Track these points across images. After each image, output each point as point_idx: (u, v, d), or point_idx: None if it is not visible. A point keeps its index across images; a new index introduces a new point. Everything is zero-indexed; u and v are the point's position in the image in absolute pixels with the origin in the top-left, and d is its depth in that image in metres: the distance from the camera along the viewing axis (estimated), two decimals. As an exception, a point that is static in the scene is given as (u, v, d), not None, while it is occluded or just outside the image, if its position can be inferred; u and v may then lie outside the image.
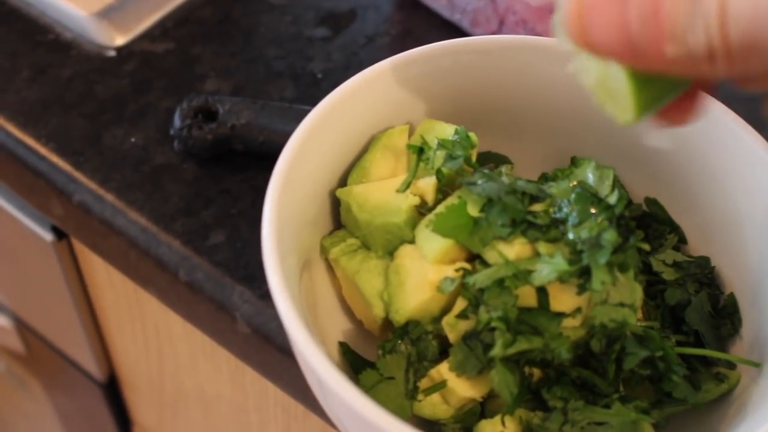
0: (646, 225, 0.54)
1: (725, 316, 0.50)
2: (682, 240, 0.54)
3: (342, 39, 0.70)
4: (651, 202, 0.54)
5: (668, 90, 0.35)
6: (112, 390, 0.93)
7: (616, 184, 0.47)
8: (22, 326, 0.96)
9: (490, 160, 0.55)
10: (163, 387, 0.84)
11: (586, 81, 0.37)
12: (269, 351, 0.56)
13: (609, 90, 0.36)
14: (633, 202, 0.54)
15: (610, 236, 0.44)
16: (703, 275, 0.51)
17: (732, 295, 0.51)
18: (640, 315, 0.48)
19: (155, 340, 0.77)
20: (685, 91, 0.36)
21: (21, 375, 1.09)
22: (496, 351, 0.44)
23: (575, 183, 0.46)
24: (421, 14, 0.71)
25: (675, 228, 0.54)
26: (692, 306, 0.49)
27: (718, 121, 0.50)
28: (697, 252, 0.53)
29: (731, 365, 0.49)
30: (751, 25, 0.27)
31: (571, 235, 0.44)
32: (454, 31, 0.69)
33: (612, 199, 0.46)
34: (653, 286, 0.51)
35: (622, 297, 0.45)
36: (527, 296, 0.45)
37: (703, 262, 0.52)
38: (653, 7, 0.28)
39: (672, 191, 0.54)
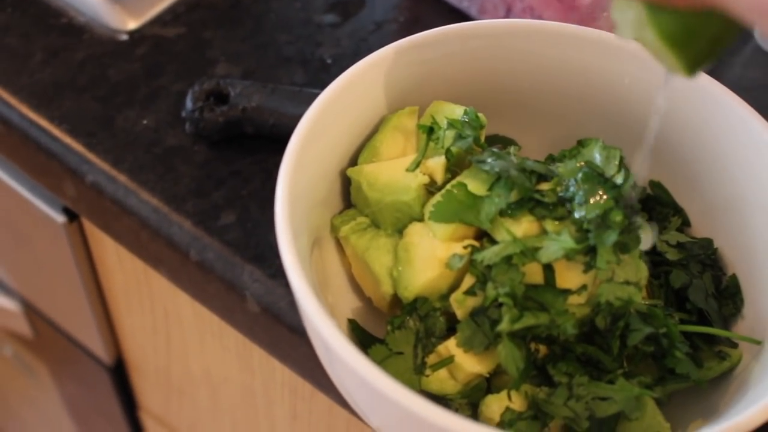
0: (651, 208, 0.55)
1: (727, 296, 0.51)
2: (686, 222, 0.55)
3: (351, 25, 0.70)
4: (655, 185, 0.55)
5: (707, 45, 0.35)
6: (119, 373, 0.94)
7: (623, 164, 0.48)
8: (30, 310, 0.97)
9: (498, 143, 0.55)
10: (170, 370, 0.85)
11: (629, 36, 0.36)
12: (279, 330, 0.57)
13: (652, 46, 0.36)
14: (637, 185, 0.55)
15: (617, 217, 0.45)
16: (706, 256, 0.52)
17: (734, 276, 0.52)
18: (644, 294, 0.49)
19: (163, 323, 0.78)
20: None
21: (28, 360, 1.10)
22: (503, 326, 0.44)
23: (582, 163, 0.47)
24: (429, 1, 0.72)
25: (679, 210, 0.55)
26: (695, 286, 0.50)
27: (722, 106, 0.51)
28: (700, 234, 0.54)
29: (733, 343, 0.50)
30: None
31: (577, 214, 0.45)
32: (461, 18, 0.70)
33: (619, 179, 0.46)
34: (658, 266, 0.52)
35: (627, 275, 0.46)
36: (534, 273, 0.46)
37: (706, 244, 0.52)
38: None
39: (676, 175, 0.55)
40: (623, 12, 0.35)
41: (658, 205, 0.55)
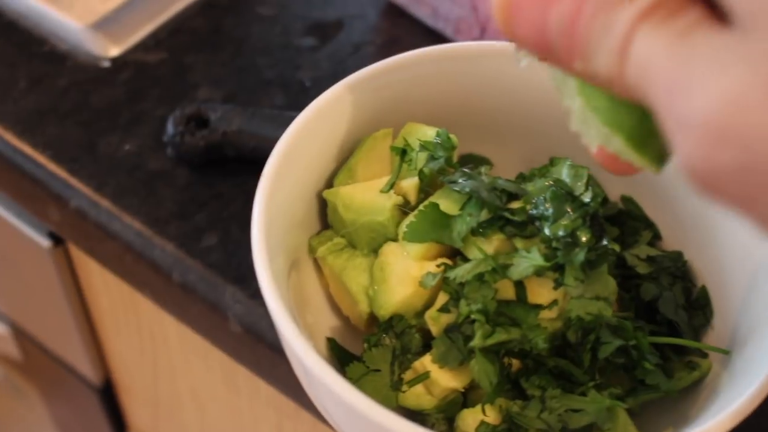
0: (622, 222, 0.56)
1: (697, 307, 0.52)
2: (657, 236, 0.56)
3: (329, 48, 0.72)
4: (626, 199, 0.56)
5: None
6: (108, 394, 0.95)
7: (591, 182, 0.49)
8: (19, 333, 0.98)
9: (471, 162, 0.57)
10: (157, 390, 0.86)
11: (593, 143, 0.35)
12: (261, 349, 0.58)
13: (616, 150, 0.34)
14: (609, 200, 0.57)
15: (584, 235, 0.46)
16: (676, 268, 0.53)
17: (704, 288, 0.53)
18: (615, 307, 0.50)
19: (150, 344, 0.79)
20: None
21: (18, 382, 1.10)
22: (476, 341, 0.46)
23: (551, 181, 0.48)
24: (406, 23, 0.73)
25: (650, 224, 0.56)
26: (665, 298, 0.51)
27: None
28: (671, 247, 0.55)
29: (703, 354, 0.51)
30: (645, 77, 0.27)
31: (547, 232, 0.46)
32: (438, 38, 0.72)
33: (586, 197, 0.48)
34: (629, 279, 0.53)
35: (596, 291, 0.47)
36: (506, 289, 0.47)
37: (676, 256, 0.54)
38: (570, 20, 0.29)
39: (647, 189, 0.56)
40: (587, 122, 0.34)
41: (629, 219, 0.56)
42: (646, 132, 0.32)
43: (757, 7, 0.25)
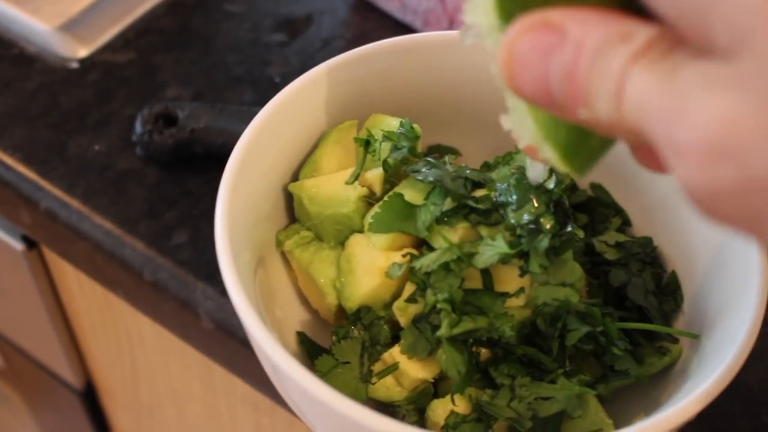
0: (592, 209, 0.56)
1: (668, 293, 0.52)
2: (627, 222, 0.56)
3: (299, 43, 0.72)
4: (596, 187, 0.56)
5: (593, 151, 0.35)
6: (90, 397, 0.95)
7: (554, 169, 0.49)
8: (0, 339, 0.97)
9: (439, 152, 0.57)
10: (138, 391, 0.86)
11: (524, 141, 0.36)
12: (233, 345, 0.58)
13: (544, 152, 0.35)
14: (579, 187, 0.56)
15: (547, 222, 0.46)
16: (646, 254, 0.53)
17: (674, 273, 0.53)
18: (583, 294, 0.50)
19: (127, 345, 0.79)
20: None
21: (1, 389, 1.10)
22: (443, 331, 0.45)
23: (514, 169, 0.48)
24: (375, 17, 0.73)
25: (619, 211, 0.56)
26: (633, 284, 0.51)
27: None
28: (641, 233, 0.55)
29: (674, 339, 0.51)
30: (641, 113, 0.28)
31: (511, 219, 0.46)
32: (407, 31, 0.71)
33: (550, 184, 0.47)
34: (598, 266, 0.53)
35: (562, 277, 0.47)
36: (473, 278, 0.47)
37: (646, 242, 0.54)
38: (570, 71, 0.29)
39: (616, 175, 0.56)
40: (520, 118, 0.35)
41: (599, 206, 0.56)
42: (577, 148, 0.33)
43: (739, 36, 0.26)
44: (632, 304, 0.52)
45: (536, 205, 0.46)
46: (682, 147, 0.27)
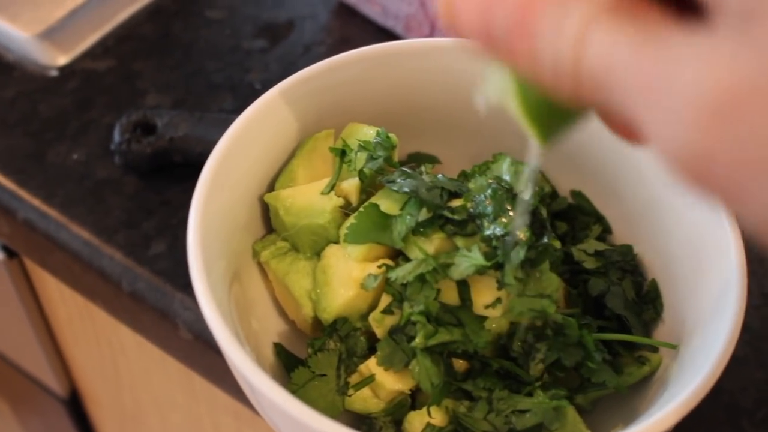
0: (572, 217, 0.55)
1: (648, 301, 0.52)
2: (607, 230, 0.55)
3: (280, 50, 0.71)
4: (576, 194, 0.56)
5: (565, 119, 0.34)
6: (75, 405, 0.94)
7: (532, 178, 0.49)
8: (-15, 348, 0.97)
9: (419, 160, 0.56)
10: (122, 399, 0.85)
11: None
12: (212, 356, 0.57)
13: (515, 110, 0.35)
14: (559, 194, 0.56)
15: (523, 233, 0.45)
16: (626, 263, 0.53)
17: (654, 281, 0.52)
18: (562, 303, 0.50)
19: (109, 353, 0.78)
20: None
21: (-12, 397, 1.09)
22: (417, 341, 0.45)
23: (491, 179, 0.48)
24: (357, 22, 0.73)
25: (600, 219, 0.55)
26: (612, 293, 0.51)
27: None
28: (622, 241, 0.55)
29: (654, 348, 0.50)
30: (601, 78, 0.27)
31: (487, 231, 0.46)
32: (389, 37, 0.71)
33: (526, 195, 0.47)
34: (577, 275, 0.52)
35: (539, 288, 0.47)
36: (450, 289, 0.46)
37: (626, 250, 0.53)
38: (517, 14, 0.28)
39: (597, 183, 0.55)
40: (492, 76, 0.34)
41: (579, 214, 0.56)
42: (545, 109, 0.32)
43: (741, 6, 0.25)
44: (611, 313, 0.51)
45: (512, 216, 0.46)
46: (675, 110, 0.25)
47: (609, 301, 0.51)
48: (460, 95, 0.56)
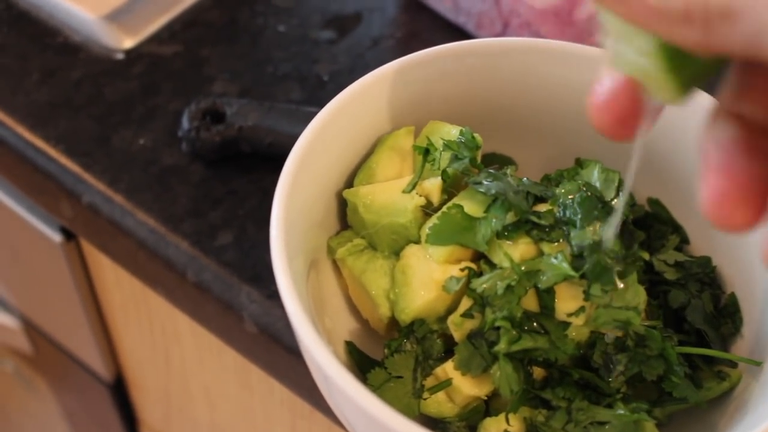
0: (649, 225, 0.54)
1: (726, 315, 0.51)
2: (685, 240, 0.54)
3: (348, 41, 0.70)
4: (653, 202, 0.55)
5: (702, 68, 0.33)
6: (119, 390, 0.94)
7: (622, 187, 0.48)
8: (30, 327, 0.97)
9: (495, 161, 0.55)
10: (169, 387, 0.85)
11: (623, 67, 0.35)
12: (276, 350, 0.56)
13: (645, 72, 0.35)
14: (636, 203, 0.55)
15: (612, 244, 0.44)
16: (705, 275, 0.52)
17: (733, 295, 0.51)
18: (643, 315, 0.49)
19: (162, 340, 0.78)
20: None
21: (29, 376, 1.09)
22: (501, 346, 0.44)
23: (582, 185, 0.47)
24: (426, 17, 0.72)
25: (677, 228, 0.54)
26: (692, 306, 0.50)
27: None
28: (699, 252, 0.54)
29: (733, 364, 0.49)
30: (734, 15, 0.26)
31: (574, 239, 0.45)
32: (459, 33, 0.70)
33: (617, 204, 0.46)
34: (656, 286, 0.51)
35: (625, 300, 0.46)
36: (530, 295, 0.46)
37: (705, 262, 0.52)
38: None
39: (674, 191, 0.54)
40: (625, 43, 0.34)
41: (656, 222, 0.55)
42: (681, 58, 0.31)
43: None
44: (690, 327, 0.50)
45: (601, 224, 0.45)
46: None
47: (689, 315, 0.50)
48: (536, 97, 0.55)
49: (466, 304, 0.46)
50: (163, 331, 0.76)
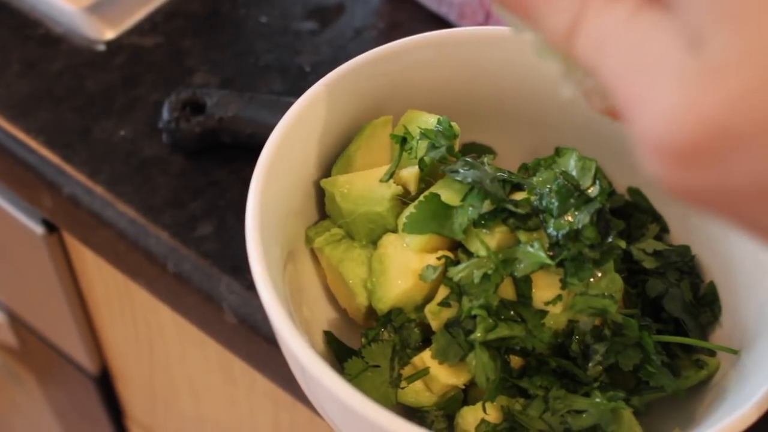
0: (629, 215, 0.54)
1: (705, 304, 0.51)
2: (665, 229, 0.54)
3: (330, 32, 0.70)
4: (633, 191, 0.55)
5: None
6: (105, 383, 0.94)
7: (598, 176, 0.47)
8: (15, 320, 0.96)
9: (474, 150, 0.55)
10: (154, 379, 0.85)
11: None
12: (256, 341, 0.56)
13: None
14: (616, 192, 0.55)
15: (589, 233, 0.44)
16: (684, 264, 0.52)
17: (712, 283, 0.51)
18: (620, 303, 0.49)
19: (146, 333, 0.78)
20: None
21: (15, 369, 1.09)
22: (477, 335, 0.44)
23: (558, 173, 0.47)
24: (409, 7, 0.71)
25: (657, 217, 0.54)
26: (671, 295, 0.50)
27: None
28: (679, 241, 0.54)
29: (711, 352, 0.49)
30: (593, 59, 0.28)
31: (551, 228, 0.45)
32: (441, 23, 0.70)
33: (593, 192, 0.46)
34: (635, 275, 0.51)
35: (602, 288, 0.46)
36: (507, 283, 0.45)
37: (684, 251, 0.52)
38: None
39: (654, 181, 0.54)
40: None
41: (636, 211, 0.55)
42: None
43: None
44: (668, 315, 0.50)
45: (577, 213, 0.44)
46: (649, 141, 0.25)
47: (667, 304, 0.50)
48: (516, 86, 0.55)
49: (443, 292, 0.46)
50: (147, 324, 0.76)
